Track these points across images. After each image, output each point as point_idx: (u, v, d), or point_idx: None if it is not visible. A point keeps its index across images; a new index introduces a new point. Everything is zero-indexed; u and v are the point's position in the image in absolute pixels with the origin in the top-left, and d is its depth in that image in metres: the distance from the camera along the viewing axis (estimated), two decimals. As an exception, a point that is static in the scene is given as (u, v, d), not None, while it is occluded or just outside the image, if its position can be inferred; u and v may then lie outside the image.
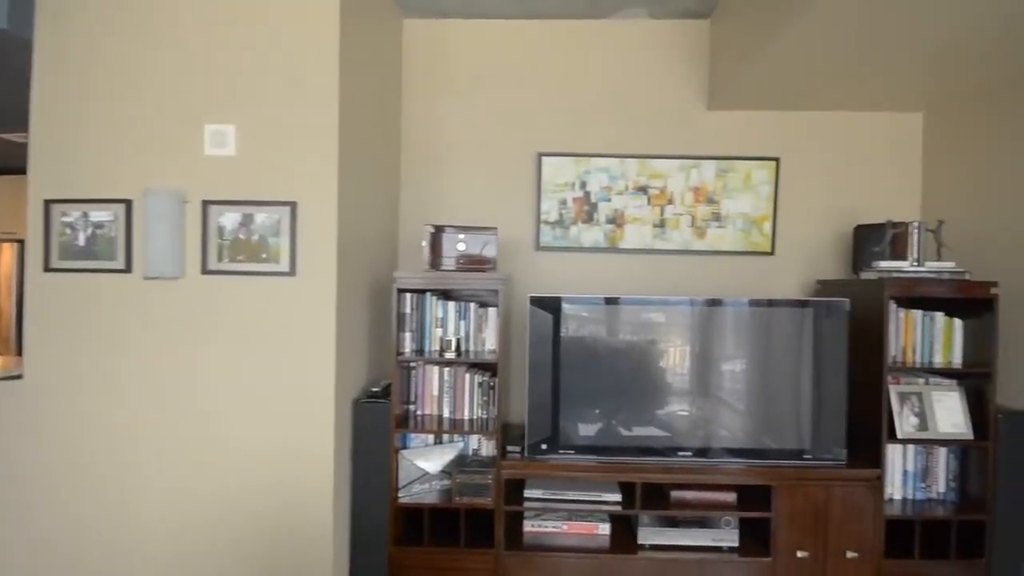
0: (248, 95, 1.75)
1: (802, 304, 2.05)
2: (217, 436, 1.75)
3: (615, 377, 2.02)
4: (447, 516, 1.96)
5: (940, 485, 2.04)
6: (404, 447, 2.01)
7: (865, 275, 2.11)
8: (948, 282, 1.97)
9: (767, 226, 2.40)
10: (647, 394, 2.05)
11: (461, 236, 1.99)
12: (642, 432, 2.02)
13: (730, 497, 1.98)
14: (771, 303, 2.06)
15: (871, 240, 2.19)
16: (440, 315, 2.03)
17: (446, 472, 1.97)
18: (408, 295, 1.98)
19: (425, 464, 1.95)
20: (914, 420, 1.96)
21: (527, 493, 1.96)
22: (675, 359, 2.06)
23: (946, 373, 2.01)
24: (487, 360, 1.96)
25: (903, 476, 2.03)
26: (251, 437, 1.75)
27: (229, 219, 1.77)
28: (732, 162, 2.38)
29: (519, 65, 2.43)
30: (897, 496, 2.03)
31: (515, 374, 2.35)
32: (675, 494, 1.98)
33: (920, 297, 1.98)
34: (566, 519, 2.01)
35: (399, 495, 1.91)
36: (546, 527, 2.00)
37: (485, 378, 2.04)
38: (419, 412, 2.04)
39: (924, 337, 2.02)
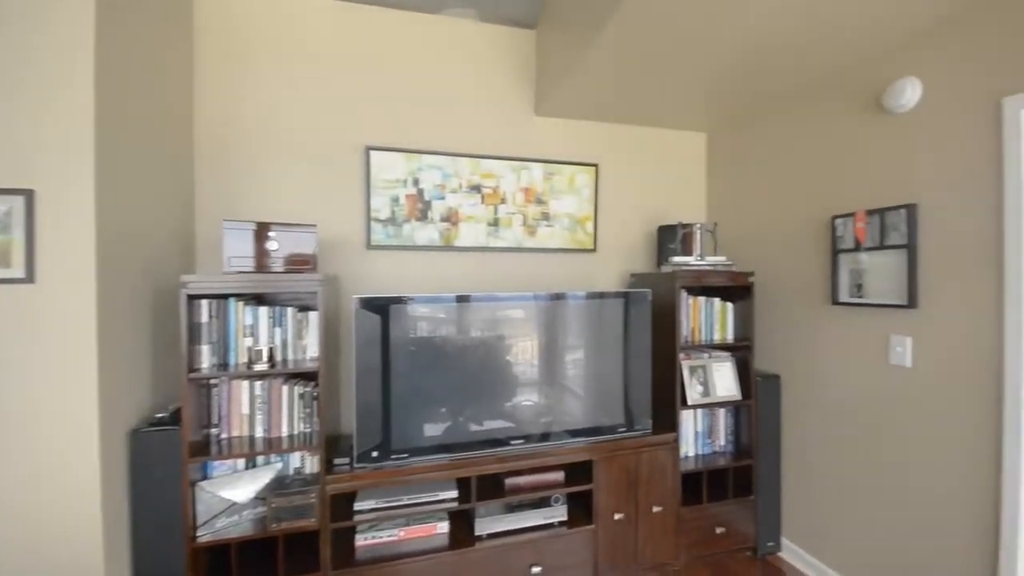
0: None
1: (622, 296, 2.28)
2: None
3: (448, 376, 2.01)
4: (264, 547, 1.75)
5: (721, 439, 2.47)
6: (205, 477, 1.74)
7: (664, 268, 2.45)
8: (722, 273, 2.38)
9: (589, 225, 2.63)
10: (480, 389, 2.08)
11: (272, 234, 1.79)
12: (478, 427, 2.05)
13: (559, 476, 2.14)
14: (602, 295, 2.25)
15: (669, 238, 2.56)
16: (248, 323, 1.81)
17: (261, 498, 1.75)
18: (205, 302, 1.71)
19: (231, 493, 1.70)
20: (700, 388, 2.34)
21: (357, 506, 1.85)
22: (509, 353, 2.13)
23: (722, 347, 2.45)
24: (308, 369, 1.79)
25: (694, 436, 2.42)
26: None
27: (-76, 210, 1.33)
28: (558, 166, 2.56)
29: (343, 51, 2.27)
30: (691, 453, 2.41)
31: (346, 382, 2.22)
32: (509, 481, 2.06)
33: (703, 286, 2.37)
34: (403, 525, 1.96)
35: (198, 534, 1.64)
36: (381, 537, 1.92)
37: (307, 388, 1.87)
38: (224, 435, 1.79)
39: (707, 319, 2.42)
